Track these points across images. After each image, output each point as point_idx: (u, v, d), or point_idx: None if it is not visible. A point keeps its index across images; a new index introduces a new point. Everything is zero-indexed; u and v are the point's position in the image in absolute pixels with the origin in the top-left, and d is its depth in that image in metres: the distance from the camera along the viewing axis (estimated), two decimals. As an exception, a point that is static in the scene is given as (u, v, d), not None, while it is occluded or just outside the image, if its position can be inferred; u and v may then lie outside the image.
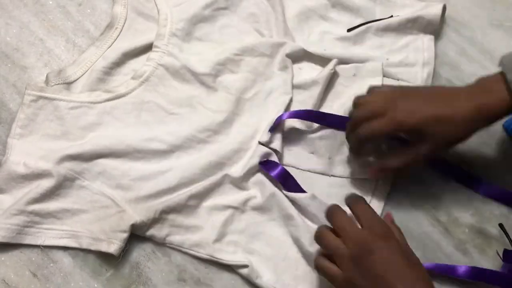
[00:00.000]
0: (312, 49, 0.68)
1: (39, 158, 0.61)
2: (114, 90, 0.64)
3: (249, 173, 0.63)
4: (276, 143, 0.63)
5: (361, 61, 0.68)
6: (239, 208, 0.62)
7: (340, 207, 0.55)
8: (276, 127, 0.63)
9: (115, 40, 0.67)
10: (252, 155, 0.63)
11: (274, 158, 0.63)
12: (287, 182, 0.62)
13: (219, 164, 0.63)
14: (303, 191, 0.62)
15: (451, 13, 0.72)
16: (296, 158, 0.64)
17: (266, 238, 0.61)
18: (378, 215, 0.53)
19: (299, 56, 0.68)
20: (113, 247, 0.59)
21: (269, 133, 0.63)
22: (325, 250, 0.53)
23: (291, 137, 0.65)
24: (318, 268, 0.54)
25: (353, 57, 0.68)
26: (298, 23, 0.69)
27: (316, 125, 0.65)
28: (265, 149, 0.62)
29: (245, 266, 0.59)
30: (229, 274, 0.61)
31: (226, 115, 0.64)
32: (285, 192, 0.62)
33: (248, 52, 0.67)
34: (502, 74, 0.54)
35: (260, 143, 0.63)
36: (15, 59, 0.68)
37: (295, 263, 0.60)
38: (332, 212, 0.54)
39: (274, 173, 0.62)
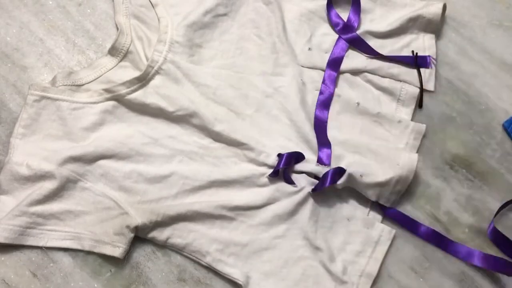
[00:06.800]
0: (311, 61, 0.68)
1: (42, 159, 0.61)
2: (116, 90, 0.64)
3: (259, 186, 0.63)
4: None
5: (361, 70, 0.68)
6: (245, 222, 0.62)
7: None
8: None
9: (128, 47, 0.67)
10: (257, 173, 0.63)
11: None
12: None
13: (220, 178, 0.63)
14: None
15: (451, 13, 0.72)
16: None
17: (268, 255, 0.61)
18: None
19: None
20: (118, 251, 0.60)
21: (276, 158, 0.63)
22: None
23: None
24: None
25: (352, 66, 0.68)
26: (299, 25, 0.69)
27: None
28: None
29: (240, 285, 0.60)
30: (230, 274, 0.61)
31: (225, 125, 0.64)
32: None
33: (249, 69, 0.68)
34: None
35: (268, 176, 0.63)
36: (15, 59, 0.68)
37: (293, 284, 0.60)
38: None
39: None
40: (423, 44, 0.70)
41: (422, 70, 0.68)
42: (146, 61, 0.66)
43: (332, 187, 0.61)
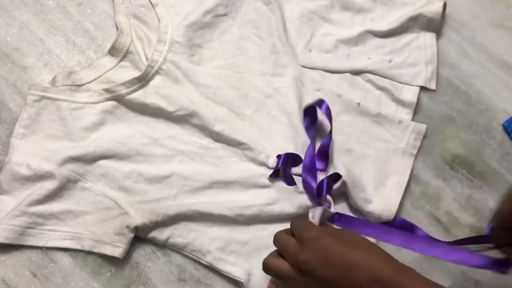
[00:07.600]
0: (312, 61, 0.68)
1: (42, 159, 0.61)
2: (116, 90, 0.64)
3: (258, 186, 0.63)
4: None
5: (362, 71, 0.68)
6: (244, 221, 0.62)
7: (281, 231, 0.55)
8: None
9: (128, 47, 0.67)
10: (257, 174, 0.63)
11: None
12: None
13: (221, 178, 0.63)
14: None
15: (451, 13, 0.72)
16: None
17: (268, 253, 0.61)
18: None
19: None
20: (118, 251, 0.60)
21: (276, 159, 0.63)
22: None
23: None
24: (265, 266, 0.54)
25: (352, 67, 0.68)
26: (300, 25, 0.69)
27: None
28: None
29: (241, 283, 0.60)
30: (230, 274, 0.61)
31: (225, 125, 0.64)
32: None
33: (249, 69, 0.67)
34: None
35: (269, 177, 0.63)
36: (15, 59, 0.68)
37: None
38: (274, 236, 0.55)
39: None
40: (424, 43, 0.70)
41: (424, 68, 0.68)
42: (146, 61, 0.66)
43: None
